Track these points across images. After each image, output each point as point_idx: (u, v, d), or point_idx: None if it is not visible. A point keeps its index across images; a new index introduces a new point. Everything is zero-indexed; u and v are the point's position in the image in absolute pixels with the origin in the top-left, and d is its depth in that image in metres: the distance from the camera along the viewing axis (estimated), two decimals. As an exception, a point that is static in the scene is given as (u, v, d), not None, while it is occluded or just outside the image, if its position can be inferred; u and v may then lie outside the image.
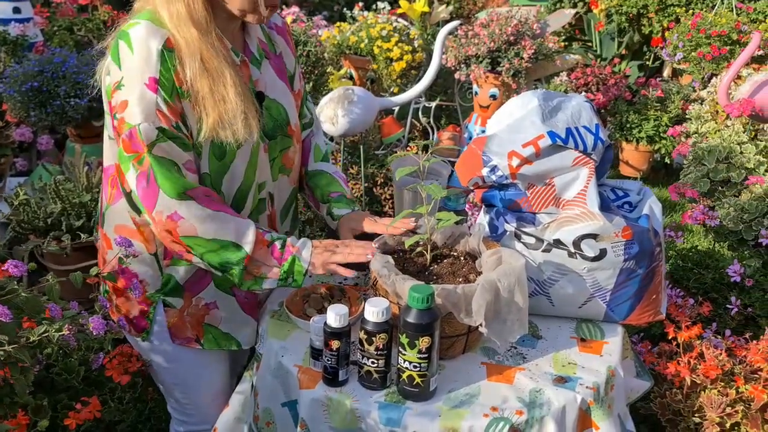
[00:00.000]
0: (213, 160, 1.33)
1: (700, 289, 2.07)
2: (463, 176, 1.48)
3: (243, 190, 1.40)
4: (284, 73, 1.50)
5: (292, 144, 1.49)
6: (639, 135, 3.78)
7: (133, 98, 1.23)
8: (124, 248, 1.03)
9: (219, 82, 1.27)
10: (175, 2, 1.24)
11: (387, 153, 3.16)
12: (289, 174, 1.52)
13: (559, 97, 1.49)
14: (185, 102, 1.27)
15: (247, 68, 1.38)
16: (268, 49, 1.47)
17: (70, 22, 3.41)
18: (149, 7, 1.28)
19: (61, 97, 2.60)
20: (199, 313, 1.44)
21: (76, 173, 2.24)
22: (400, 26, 3.46)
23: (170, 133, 1.25)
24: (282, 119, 1.45)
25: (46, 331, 0.90)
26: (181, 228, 1.26)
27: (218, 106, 1.27)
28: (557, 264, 1.39)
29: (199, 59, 1.25)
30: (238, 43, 1.38)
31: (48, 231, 2.07)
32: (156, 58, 1.22)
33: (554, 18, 3.37)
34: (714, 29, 3.59)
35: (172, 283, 1.41)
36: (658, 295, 1.44)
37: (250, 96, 1.34)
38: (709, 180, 2.32)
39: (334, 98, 2.23)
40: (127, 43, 1.23)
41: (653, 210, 1.47)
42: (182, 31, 1.24)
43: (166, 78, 1.24)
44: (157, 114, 1.23)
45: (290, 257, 1.32)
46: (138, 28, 1.24)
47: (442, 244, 1.44)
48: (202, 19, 1.25)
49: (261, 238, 1.31)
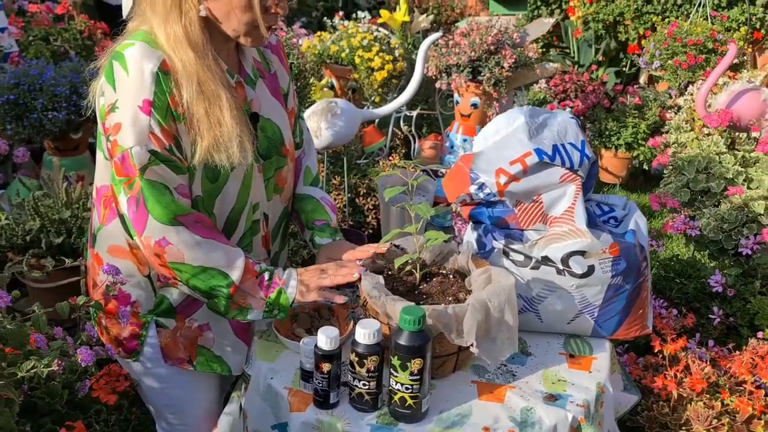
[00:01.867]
0: (206, 183, 1.31)
1: (682, 299, 2.10)
2: (451, 193, 1.48)
3: (235, 212, 1.38)
4: (278, 92, 1.49)
5: (286, 163, 1.49)
6: (618, 142, 3.83)
7: (127, 121, 1.21)
8: (112, 276, 1.01)
9: (215, 105, 1.25)
10: (172, 24, 1.23)
11: (369, 162, 3.16)
12: (282, 193, 1.51)
13: (544, 113, 1.50)
14: (180, 125, 1.25)
15: (242, 89, 1.37)
16: (263, 68, 1.46)
17: (46, 32, 3.36)
18: (145, 28, 1.26)
19: (39, 110, 2.55)
20: (192, 334, 1.43)
21: (56, 189, 2.20)
22: (381, 35, 3.46)
23: (163, 156, 1.23)
24: (277, 139, 1.44)
25: (34, 366, 0.88)
26: (169, 254, 1.24)
27: (213, 129, 1.26)
28: (546, 281, 1.40)
29: (196, 82, 1.24)
30: (233, 64, 1.37)
31: (27, 248, 2.03)
32: (151, 80, 1.21)
33: (533, 27, 3.40)
34: (690, 38, 3.64)
35: (165, 304, 1.40)
36: (644, 309, 1.46)
37: (245, 119, 1.33)
38: (689, 190, 2.35)
39: (317, 111, 2.23)
40: (122, 65, 1.22)
41: (638, 225, 1.49)
42: (179, 53, 1.23)
43: (161, 100, 1.22)
44: (149, 137, 1.22)
45: (276, 289, 1.31)
46: (133, 49, 1.22)
47: (431, 262, 1.43)
48: (199, 42, 1.24)
49: (250, 268, 1.30)
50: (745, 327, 2.01)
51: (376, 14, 4.52)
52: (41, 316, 0.91)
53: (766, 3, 4.08)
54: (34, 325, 0.96)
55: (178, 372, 1.45)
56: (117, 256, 1.37)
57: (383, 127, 3.42)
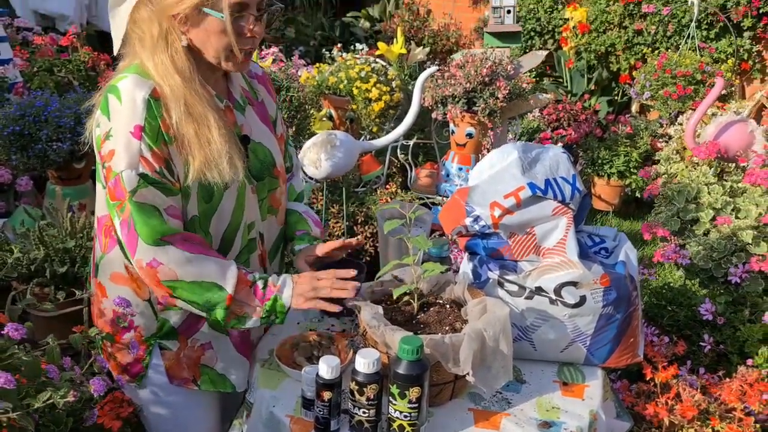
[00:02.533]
0: (201, 203, 1.37)
1: (674, 327, 2.14)
2: (447, 226, 1.53)
3: (231, 230, 1.43)
4: (267, 119, 1.56)
5: (278, 185, 1.55)
6: (610, 170, 3.90)
7: (120, 147, 1.28)
8: (123, 308, 1.05)
9: (203, 125, 1.32)
10: (159, 54, 1.30)
11: (366, 190, 3.22)
12: (277, 214, 1.57)
13: (537, 149, 1.56)
14: (172, 147, 1.31)
15: (231, 113, 1.44)
16: (251, 96, 1.53)
17: (50, 63, 3.43)
18: (136, 62, 1.34)
19: (43, 140, 2.61)
20: (195, 354, 1.47)
21: (59, 218, 2.24)
22: (379, 67, 3.54)
23: (152, 178, 1.29)
24: (268, 161, 1.50)
25: (50, 397, 0.91)
26: (162, 273, 1.29)
27: (204, 148, 1.32)
28: (539, 311, 1.44)
29: (183, 104, 1.30)
30: (221, 91, 1.44)
31: (31, 278, 2.07)
32: (142, 106, 1.28)
33: (527, 59, 3.48)
34: (679, 69, 3.74)
35: (166, 327, 1.44)
36: (635, 338, 1.50)
37: (234, 138, 1.39)
38: (679, 219, 2.41)
39: (317, 142, 2.29)
40: (116, 96, 1.29)
41: (629, 256, 1.54)
42: (167, 80, 1.30)
43: (152, 125, 1.28)
44: (140, 160, 1.28)
45: (272, 296, 1.35)
46: (126, 81, 1.30)
47: (429, 292, 1.48)
48: (185, 68, 1.31)
49: (243, 278, 1.35)
50: (735, 354, 2.05)
51: (373, 46, 4.62)
52: (55, 348, 0.95)
53: (752, 35, 4.19)
54: (48, 356, 0.99)
55: (182, 393, 1.49)
56: (118, 283, 1.42)
57: (380, 155, 3.48)
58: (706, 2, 4.19)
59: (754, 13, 4.08)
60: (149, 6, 1.29)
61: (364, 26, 7.16)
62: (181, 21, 1.29)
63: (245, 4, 1.29)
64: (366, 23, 7.20)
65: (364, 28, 7.13)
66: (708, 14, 4.26)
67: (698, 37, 4.26)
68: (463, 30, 6.29)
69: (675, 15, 4.43)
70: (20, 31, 4.05)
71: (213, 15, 1.27)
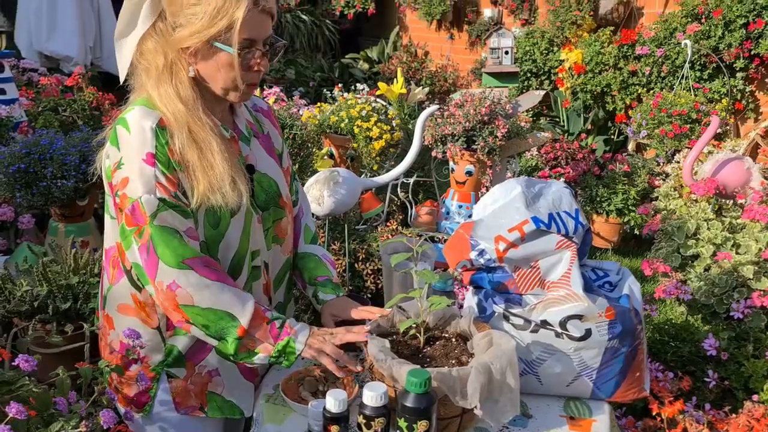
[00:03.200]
0: (208, 228, 1.39)
1: (678, 363, 2.13)
2: (452, 259, 1.54)
3: (238, 258, 1.45)
4: (273, 151, 1.59)
5: (284, 215, 1.56)
6: (609, 208, 3.93)
7: (134, 174, 1.31)
8: (133, 340, 1.05)
9: (206, 150, 1.35)
10: (164, 84, 1.35)
11: (367, 228, 3.23)
12: (282, 244, 1.58)
13: (539, 183, 1.58)
14: (180, 173, 1.35)
15: (236, 144, 1.47)
16: (256, 129, 1.57)
17: (55, 102, 3.48)
18: (143, 95, 1.38)
19: (48, 178, 2.63)
20: (202, 381, 1.47)
21: (63, 254, 2.25)
22: (379, 106, 3.60)
23: (171, 202, 1.32)
24: (273, 191, 1.52)
25: (62, 427, 0.91)
26: (180, 296, 1.31)
27: (207, 173, 1.35)
28: (545, 344, 1.44)
29: (187, 130, 1.34)
30: (227, 122, 1.47)
31: (33, 314, 2.06)
32: (151, 135, 1.32)
33: (525, 98, 3.55)
34: (674, 109, 3.80)
35: (174, 353, 1.44)
36: (641, 372, 1.50)
37: (237, 163, 1.42)
38: (679, 255, 2.42)
39: (320, 179, 2.31)
40: (125, 126, 1.33)
41: (632, 290, 1.55)
42: (170, 108, 1.34)
43: (162, 153, 1.32)
44: (156, 186, 1.31)
45: (286, 338, 1.36)
46: (133, 112, 1.34)
47: (434, 326, 1.48)
48: (189, 97, 1.36)
49: (261, 313, 1.35)
50: (740, 390, 2.04)
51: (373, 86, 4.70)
52: (66, 380, 0.95)
53: (745, 76, 4.27)
54: (57, 389, 0.99)
55: (188, 421, 1.48)
56: (126, 313, 1.43)
57: (380, 193, 3.51)
58: (699, 44, 4.29)
59: (746, 54, 4.17)
60: (155, 37, 1.34)
61: (362, 68, 7.29)
62: (191, 54, 1.34)
63: (253, 40, 1.34)
64: (365, 65, 7.33)
65: (362, 69, 7.26)
66: (701, 56, 4.35)
67: (692, 78, 4.35)
68: (461, 71, 6.42)
69: (668, 56, 4.52)
70: (25, 72, 4.12)
71: (223, 49, 1.31)
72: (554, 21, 5.25)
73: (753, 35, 4.09)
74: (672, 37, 4.49)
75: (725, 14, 4.16)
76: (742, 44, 4.13)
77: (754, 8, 4.05)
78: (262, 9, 1.31)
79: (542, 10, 5.71)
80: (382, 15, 7.99)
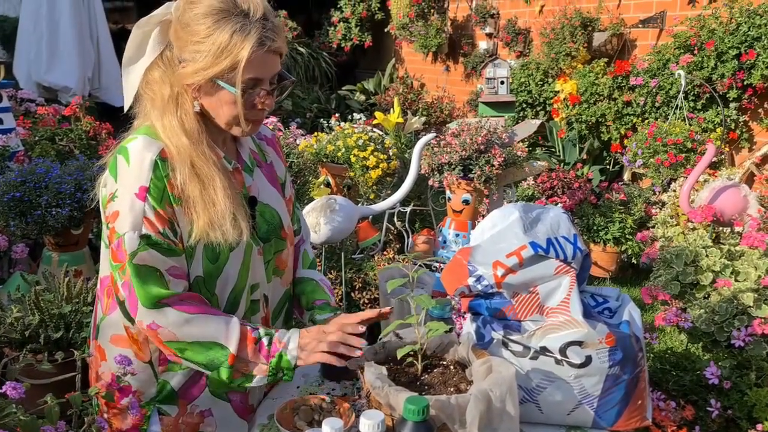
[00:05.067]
0: (206, 263, 1.36)
1: (679, 392, 2.10)
2: (450, 286, 1.52)
3: (237, 292, 1.42)
4: (276, 180, 1.57)
5: (285, 247, 1.54)
6: (606, 237, 3.92)
7: (124, 208, 1.29)
8: (123, 366, 1.02)
9: (209, 186, 1.33)
10: (169, 115, 1.33)
11: (364, 257, 3.22)
12: (282, 275, 1.56)
13: (537, 209, 1.57)
14: (177, 207, 1.32)
15: (240, 175, 1.45)
16: (260, 158, 1.55)
17: (52, 132, 3.48)
18: (147, 123, 1.37)
19: (43, 206, 2.62)
20: (194, 420, 1.43)
21: (56, 283, 2.22)
22: (376, 136, 3.61)
23: (155, 240, 1.29)
24: (275, 223, 1.50)
25: (49, 456, 0.88)
26: (162, 335, 1.29)
27: (208, 208, 1.32)
28: (545, 371, 1.42)
29: (189, 165, 1.32)
30: (230, 152, 1.46)
31: (24, 344, 2.02)
32: (148, 167, 1.30)
33: (521, 128, 3.57)
34: (670, 138, 3.82)
35: (167, 389, 1.41)
36: (643, 400, 1.47)
37: (240, 199, 1.39)
38: (678, 283, 2.41)
39: (316, 207, 2.30)
40: (125, 157, 1.31)
41: (632, 316, 1.53)
42: (174, 140, 1.32)
43: (157, 186, 1.30)
44: (143, 221, 1.29)
45: (277, 354, 1.33)
46: (135, 142, 1.32)
47: (432, 353, 1.45)
48: (194, 130, 1.34)
49: (247, 335, 1.32)
50: (744, 419, 2.00)
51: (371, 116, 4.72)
52: (54, 407, 0.92)
53: (738, 106, 4.31)
54: (46, 417, 0.96)
55: None
56: (118, 345, 1.40)
57: (377, 222, 3.50)
58: (692, 75, 4.33)
59: (739, 84, 4.21)
60: (162, 68, 1.33)
61: (359, 99, 7.35)
62: (195, 89, 1.33)
63: (258, 80, 1.31)
64: (361, 96, 7.39)
65: (359, 101, 7.32)
66: (695, 86, 4.40)
67: (686, 108, 4.38)
68: (457, 102, 6.47)
69: (662, 87, 4.57)
70: (23, 103, 4.13)
71: (226, 88, 1.29)
72: (549, 53, 5.31)
73: (745, 66, 4.14)
74: (665, 68, 4.54)
75: (717, 46, 4.22)
76: (735, 75, 4.18)
77: (745, 40, 4.11)
78: (268, 49, 1.29)
79: (537, 42, 5.78)
80: (379, 48, 8.09)
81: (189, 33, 1.28)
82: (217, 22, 1.25)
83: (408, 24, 6.75)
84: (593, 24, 5.18)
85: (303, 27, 7.89)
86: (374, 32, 7.86)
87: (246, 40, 1.25)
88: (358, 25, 7.77)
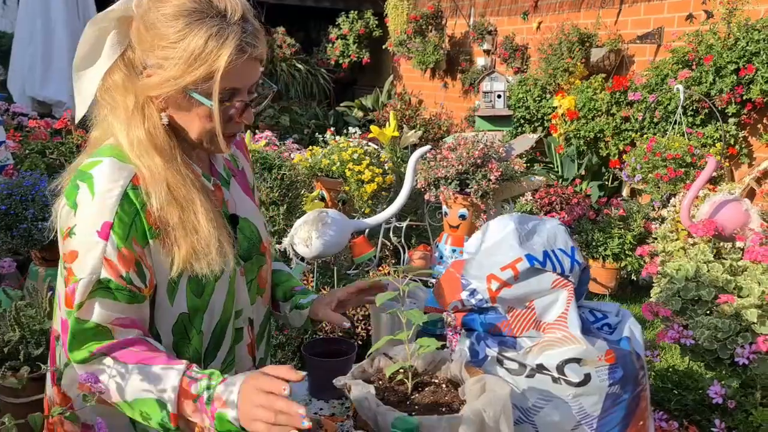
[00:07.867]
0: (191, 298, 1.23)
1: (682, 412, 2.03)
2: (443, 300, 1.46)
3: (222, 323, 1.32)
4: (248, 188, 1.47)
5: (265, 261, 1.44)
6: (605, 253, 3.87)
7: (83, 248, 1.13)
8: (91, 384, 0.95)
9: (189, 210, 1.18)
10: (135, 129, 1.16)
11: (359, 273, 3.15)
12: (263, 294, 1.47)
13: (533, 220, 1.51)
14: (153, 242, 1.17)
15: (220, 191, 1.33)
16: (233, 166, 1.43)
17: (42, 145, 3.44)
18: (110, 141, 1.19)
19: (29, 219, 2.56)
20: None
21: (39, 298, 2.16)
22: (371, 150, 3.57)
23: (115, 284, 1.13)
24: (255, 238, 1.40)
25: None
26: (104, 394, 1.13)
27: (190, 236, 1.18)
28: (542, 390, 1.35)
29: (166, 187, 1.16)
30: (205, 167, 1.32)
31: (3, 360, 1.96)
32: (115, 201, 1.13)
33: (519, 142, 3.52)
34: (669, 152, 3.78)
35: None
36: (645, 421, 1.40)
37: (222, 221, 1.26)
38: (680, 298, 2.34)
39: (308, 221, 2.24)
40: (89, 186, 1.13)
41: (633, 332, 1.47)
42: (145, 161, 1.16)
43: (123, 222, 1.13)
44: (104, 263, 1.13)
45: (217, 414, 1.08)
46: (101, 167, 1.14)
47: (423, 371, 1.39)
48: (165, 145, 1.18)
49: (185, 390, 1.11)
50: (750, 441, 1.93)
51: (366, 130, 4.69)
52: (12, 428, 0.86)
53: (737, 121, 4.27)
54: (4, 438, 0.90)
55: None
56: None
57: (373, 237, 3.44)
58: (691, 90, 4.30)
59: (737, 99, 4.18)
60: (124, 71, 1.16)
61: (357, 115, 7.34)
62: (162, 100, 1.16)
63: (236, 90, 1.17)
64: (359, 112, 7.38)
65: (357, 117, 7.31)
66: (693, 101, 4.36)
67: (685, 123, 4.35)
68: (455, 119, 6.45)
69: (661, 102, 4.54)
70: (16, 117, 4.10)
71: (200, 101, 1.14)
72: (546, 69, 5.29)
73: (744, 81, 4.11)
74: (664, 83, 4.51)
75: (716, 61, 4.19)
76: (734, 89, 4.15)
77: (744, 55, 4.08)
78: (249, 56, 1.13)
79: (534, 58, 5.77)
80: (377, 64, 8.10)
81: (155, 36, 1.11)
82: (189, 25, 1.10)
83: (406, 41, 6.76)
84: (591, 40, 5.17)
85: (301, 44, 7.90)
86: (372, 49, 7.87)
87: (223, 46, 1.10)
88: (356, 41, 7.78)
